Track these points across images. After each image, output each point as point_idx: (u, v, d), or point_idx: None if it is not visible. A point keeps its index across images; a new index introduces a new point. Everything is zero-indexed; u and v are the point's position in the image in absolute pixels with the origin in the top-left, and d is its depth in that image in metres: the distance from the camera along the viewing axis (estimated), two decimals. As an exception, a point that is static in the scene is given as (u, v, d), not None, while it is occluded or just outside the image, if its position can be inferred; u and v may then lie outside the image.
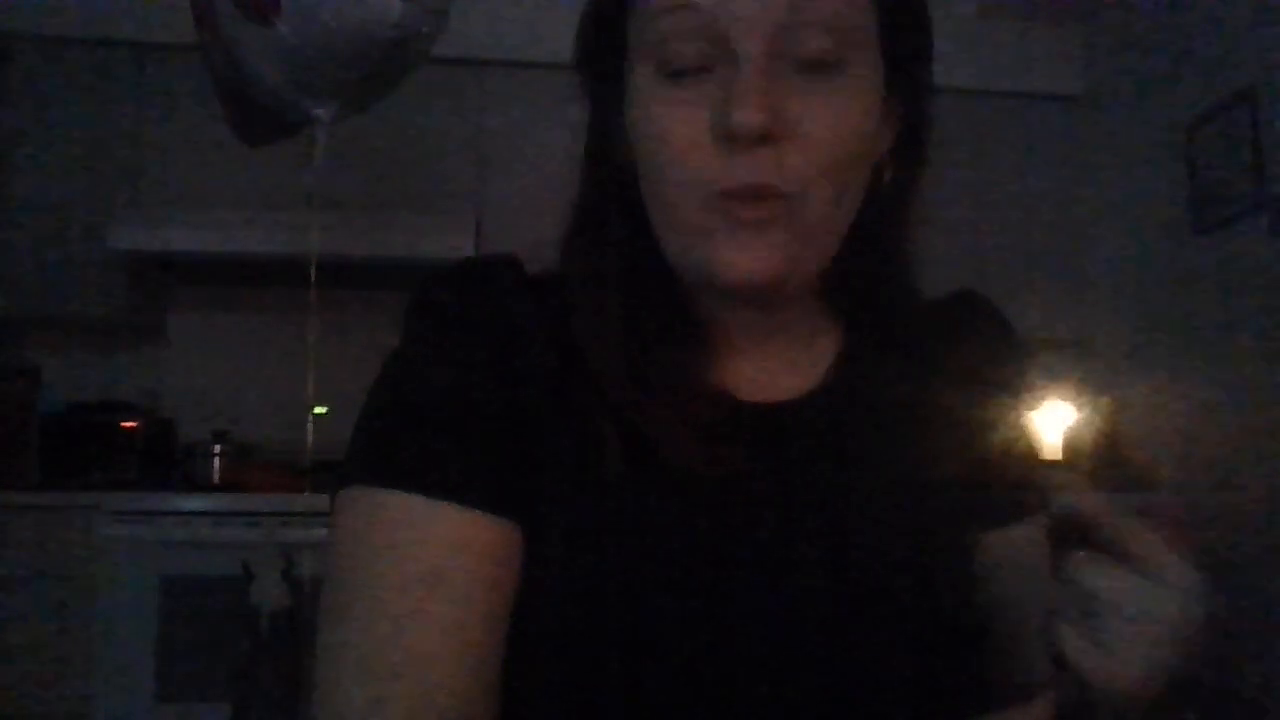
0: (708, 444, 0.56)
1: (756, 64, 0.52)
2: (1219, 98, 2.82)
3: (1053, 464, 0.58)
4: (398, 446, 0.54)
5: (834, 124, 0.54)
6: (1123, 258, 3.25)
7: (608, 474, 0.55)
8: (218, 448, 2.94)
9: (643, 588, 0.53)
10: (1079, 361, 3.28)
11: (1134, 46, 3.23)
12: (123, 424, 2.96)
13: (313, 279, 2.00)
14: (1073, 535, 0.52)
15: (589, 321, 0.59)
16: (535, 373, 0.56)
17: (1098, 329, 3.32)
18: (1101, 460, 3.06)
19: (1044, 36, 3.44)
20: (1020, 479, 0.65)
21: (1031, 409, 0.58)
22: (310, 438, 2.07)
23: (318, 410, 2.09)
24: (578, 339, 0.58)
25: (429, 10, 1.69)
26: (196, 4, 1.85)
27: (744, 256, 0.54)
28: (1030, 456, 0.67)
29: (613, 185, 0.61)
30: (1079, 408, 0.57)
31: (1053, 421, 0.61)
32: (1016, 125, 3.39)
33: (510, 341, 0.56)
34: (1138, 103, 3.20)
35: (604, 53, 0.59)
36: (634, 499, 0.55)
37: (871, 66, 0.56)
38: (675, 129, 0.54)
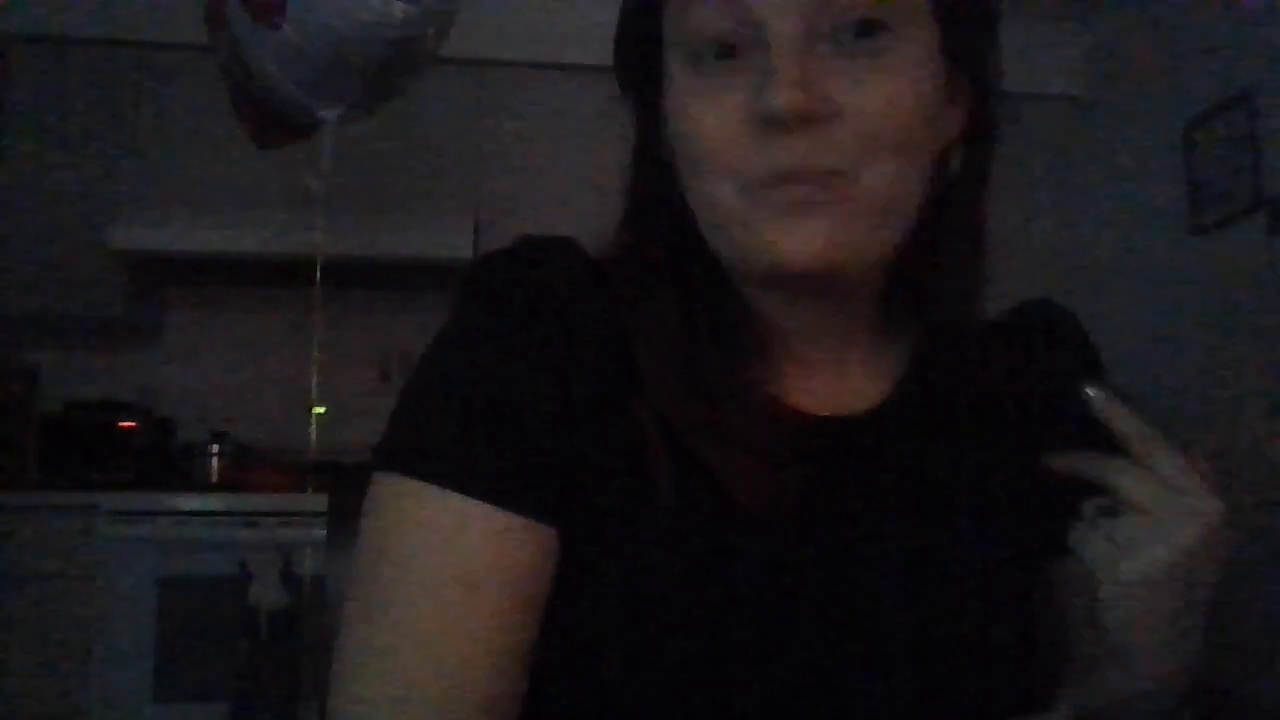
0: (769, 476, 0.53)
1: (791, 42, 0.49)
2: (1218, 98, 2.82)
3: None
4: (440, 438, 0.52)
5: (883, 96, 0.50)
6: (1121, 258, 3.25)
7: (659, 500, 0.52)
8: (216, 448, 2.94)
9: (686, 613, 0.52)
10: (1078, 362, 3.28)
11: (1134, 46, 3.23)
12: (121, 424, 2.95)
13: (318, 279, 2.01)
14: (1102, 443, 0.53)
15: (643, 332, 0.56)
16: (586, 371, 0.54)
17: (1097, 329, 3.32)
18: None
19: (1044, 36, 3.44)
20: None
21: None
22: (313, 437, 2.07)
23: (317, 410, 2.08)
24: (634, 350, 0.55)
25: (433, 13, 1.69)
26: (209, 6, 1.85)
27: (790, 240, 0.50)
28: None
29: (660, 184, 0.58)
30: (1078, 407, 0.56)
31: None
32: (1016, 125, 3.38)
33: (566, 335, 0.54)
34: (1137, 103, 3.20)
35: (641, 49, 0.57)
36: (683, 518, 0.53)
37: (923, 32, 0.52)
38: (708, 117, 0.52)
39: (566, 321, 0.54)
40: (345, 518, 0.74)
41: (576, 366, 0.53)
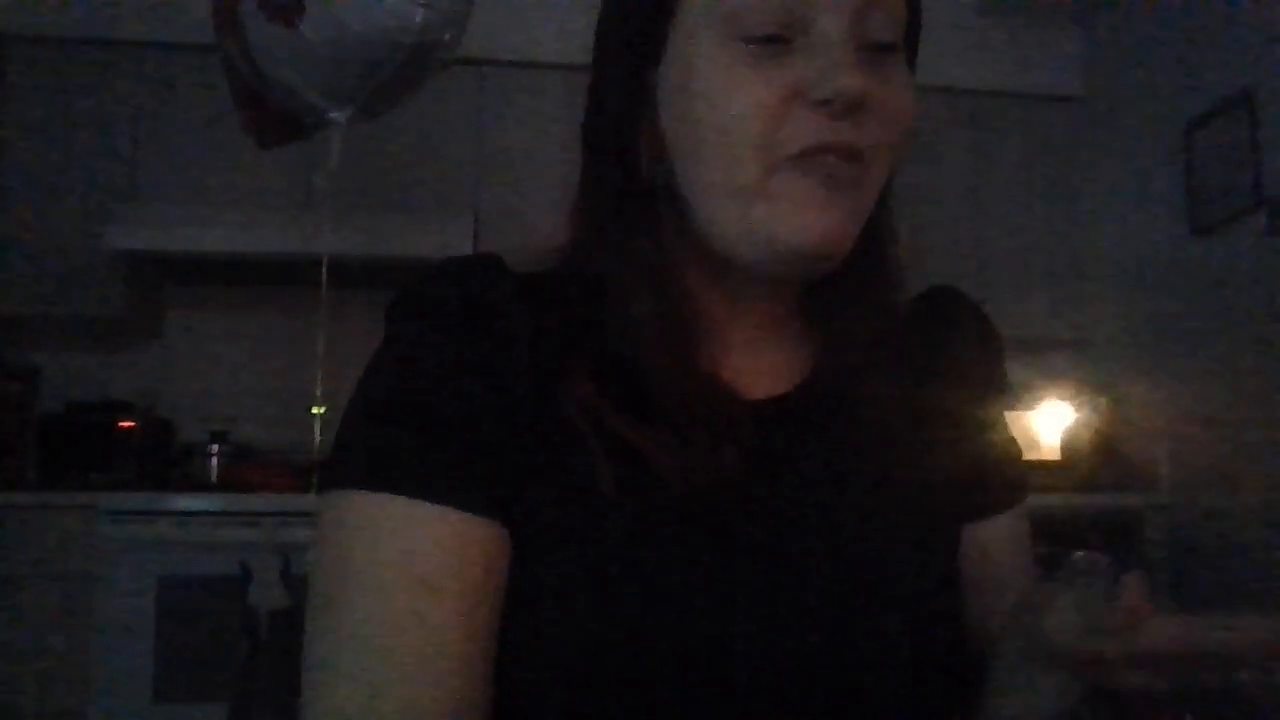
0: (704, 457, 0.56)
1: (845, 40, 0.54)
2: (1218, 98, 2.82)
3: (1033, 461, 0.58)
4: (384, 448, 0.53)
5: (901, 99, 0.56)
6: (1121, 258, 3.25)
7: (599, 482, 0.54)
8: (216, 448, 2.94)
9: (637, 593, 0.53)
10: (1078, 361, 3.28)
11: (1134, 46, 3.23)
12: (121, 424, 2.95)
13: (324, 279, 2.01)
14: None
15: (611, 316, 0.58)
16: (518, 372, 0.56)
17: (1097, 329, 3.32)
18: (1099, 460, 3.06)
19: (1044, 36, 3.44)
20: (999, 473, 0.67)
21: (1012, 402, 0.58)
22: (318, 437, 2.07)
23: (316, 410, 2.09)
24: (572, 341, 0.58)
25: (449, 18, 1.69)
26: (218, 4, 1.85)
27: (814, 220, 0.54)
28: (1011, 449, 0.69)
29: (627, 168, 0.60)
30: (1078, 407, 0.57)
31: (1052, 421, 0.61)
32: (1016, 125, 3.39)
33: (495, 341, 0.56)
34: (1137, 103, 3.20)
35: (648, 24, 0.58)
36: (626, 502, 0.55)
37: (903, 55, 0.58)
38: (751, 92, 0.54)
39: (496, 328, 0.56)
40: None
41: (509, 368, 0.55)
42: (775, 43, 0.54)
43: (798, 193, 0.54)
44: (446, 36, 1.72)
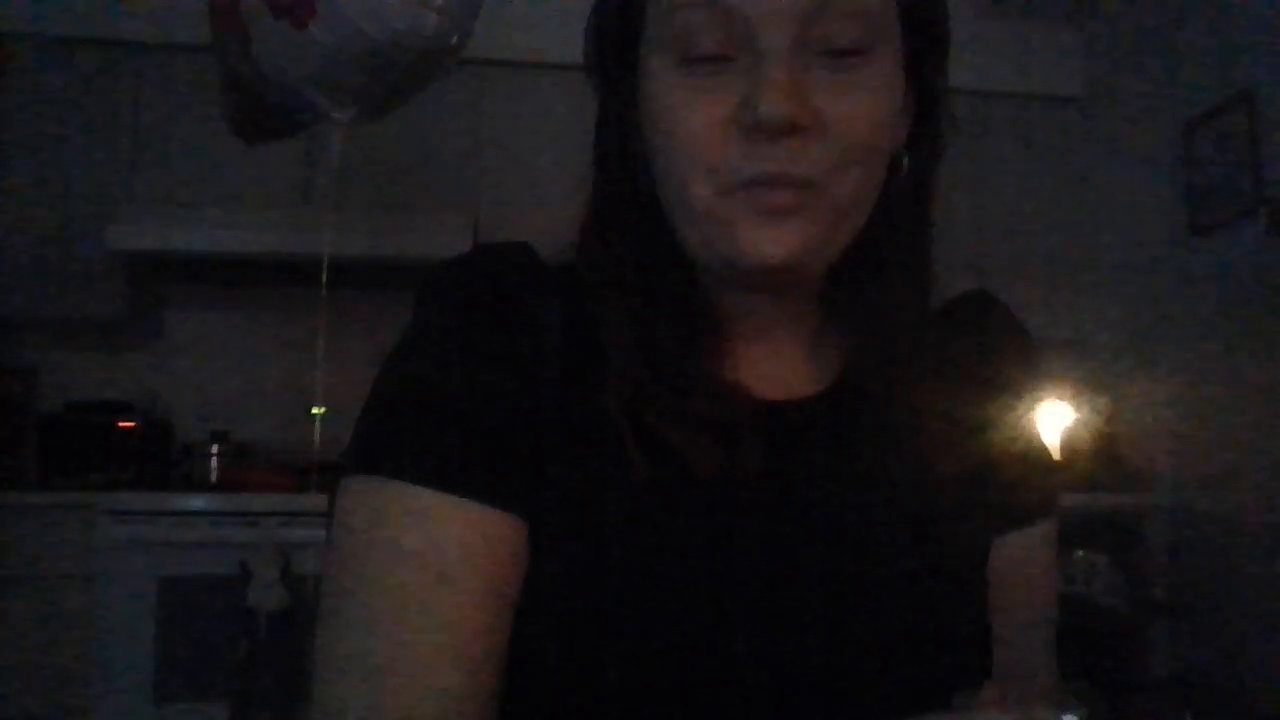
0: (725, 446, 0.55)
1: (782, 55, 0.51)
2: (1217, 99, 2.82)
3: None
4: (404, 436, 0.53)
5: (859, 114, 0.53)
6: (1121, 258, 3.25)
7: (628, 476, 0.54)
8: (216, 448, 2.94)
9: (652, 590, 0.53)
10: (1078, 361, 3.28)
11: (1134, 46, 3.23)
12: (121, 424, 2.95)
13: (324, 279, 2.01)
14: None
15: (609, 318, 0.58)
16: (546, 364, 0.55)
17: (1096, 329, 3.32)
18: (1099, 460, 3.06)
19: (1044, 36, 3.44)
20: (1030, 484, 0.65)
21: (1039, 411, 0.57)
22: (317, 437, 2.08)
23: (316, 410, 2.09)
24: (601, 335, 0.57)
25: (459, 22, 1.70)
26: (215, 2, 1.84)
27: (765, 242, 0.53)
28: (1041, 461, 0.67)
29: (628, 180, 0.59)
30: (1077, 407, 0.56)
31: (1051, 421, 0.61)
32: (1016, 125, 3.39)
33: (521, 331, 0.55)
34: (1137, 103, 3.20)
35: (619, 45, 0.58)
36: (647, 499, 0.54)
37: (894, 55, 0.55)
38: (695, 118, 0.53)
39: (525, 318, 0.56)
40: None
41: (537, 360, 0.55)
42: (718, 62, 0.52)
43: (745, 220, 0.53)
44: (454, 40, 1.73)
